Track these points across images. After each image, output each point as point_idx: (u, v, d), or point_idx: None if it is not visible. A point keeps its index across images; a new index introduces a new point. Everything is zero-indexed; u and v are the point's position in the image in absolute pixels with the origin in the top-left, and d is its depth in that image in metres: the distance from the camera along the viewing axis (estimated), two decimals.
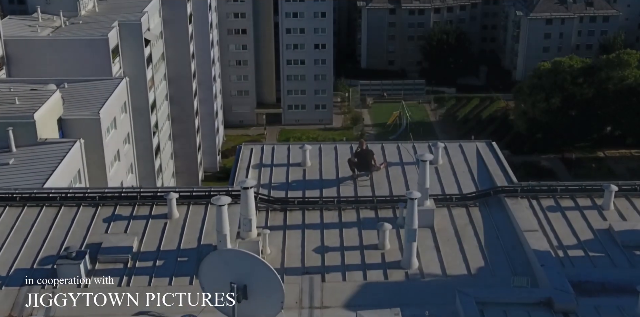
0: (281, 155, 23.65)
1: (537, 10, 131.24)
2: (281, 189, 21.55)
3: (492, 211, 20.29)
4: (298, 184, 21.83)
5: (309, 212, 20.06)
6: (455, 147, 24.49)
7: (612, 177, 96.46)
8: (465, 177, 22.44)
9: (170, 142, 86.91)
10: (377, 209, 20.36)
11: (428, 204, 19.24)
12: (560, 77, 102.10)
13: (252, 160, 23.21)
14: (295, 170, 22.73)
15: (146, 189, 20.30)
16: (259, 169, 22.76)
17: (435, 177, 22.13)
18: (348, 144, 24.58)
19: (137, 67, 72.26)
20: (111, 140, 54.34)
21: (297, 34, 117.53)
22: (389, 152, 24.05)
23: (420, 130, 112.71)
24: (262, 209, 20.14)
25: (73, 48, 65.25)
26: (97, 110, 51.99)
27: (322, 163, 23.18)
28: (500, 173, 22.36)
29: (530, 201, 20.68)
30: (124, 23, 70.07)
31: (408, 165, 23.08)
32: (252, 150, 23.74)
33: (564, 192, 21.03)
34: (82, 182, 47.48)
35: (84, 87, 56.50)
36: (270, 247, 18.16)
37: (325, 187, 21.68)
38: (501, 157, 23.45)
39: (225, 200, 16.03)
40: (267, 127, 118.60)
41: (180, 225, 19.11)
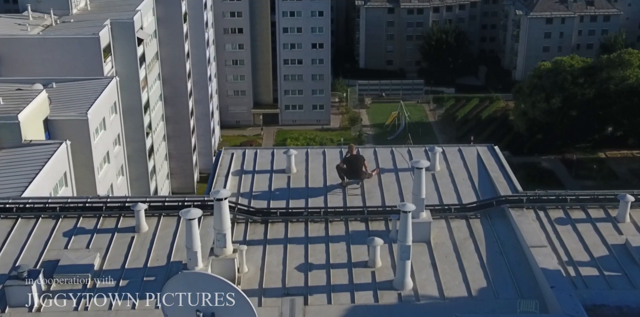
0: (264, 160, 21.86)
1: (537, 9, 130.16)
2: (263, 198, 19.82)
3: (494, 224, 18.58)
4: (281, 193, 20.10)
5: (292, 224, 18.33)
6: (454, 151, 22.71)
7: (613, 178, 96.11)
8: (465, 185, 20.64)
9: (165, 142, 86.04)
10: (367, 221, 18.61)
11: (424, 216, 17.54)
12: (560, 77, 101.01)
13: (232, 166, 21.43)
14: (279, 177, 20.98)
15: (113, 199, 18.58)
16: (239, 176, 20.97)
17: (432, 185, 20.41)
18: (337, 149, 22.81)
19: (130, 67, 71.13)
20: (100, 141, 52.97)
21: (295, 33, 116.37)
22: (381, 158, 22.28)
23: (419, 130, 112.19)
24: (240, 221, 18.43)
25: (63, 47, 64.02)
26: (85, 110, 50.51)
27: (308, 169, 21.46)
28: (503, 181, 20.59)
29: (537, 212, 18.95)
30: (116, 21, 68.83)
31: (402, 172, 21.30)
32: (233, 156, 21.90)
33: (575, 202, 19.28)
34: (69, 186, 46.11)
35: (72, 87, 55.16)
36: (248, 265, 16.37)
37: (311, 196, 19.97)
38: (504, 163, 21.61)
39: (195, 213, 14.30)
40: (264, 128, 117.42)
41: (148, 239, 17.34)
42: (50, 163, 43.26)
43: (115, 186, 56.72)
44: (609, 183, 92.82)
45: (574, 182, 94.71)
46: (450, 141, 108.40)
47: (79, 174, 48.67)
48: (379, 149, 22.77)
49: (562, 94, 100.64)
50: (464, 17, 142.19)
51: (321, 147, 22.88)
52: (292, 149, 21.55)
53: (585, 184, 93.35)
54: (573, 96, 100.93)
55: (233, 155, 21.90)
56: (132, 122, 71.89)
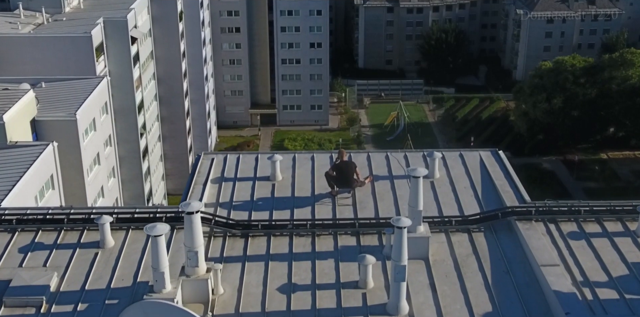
0: (247, 167, 20.12)
1: (538, 8, 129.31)
2: (244, 209, 18.10)
3: (500, 238, 16.89)
4: (264, 203, 18.40)
5: (275, 238, 16.64)
6: (454, 157, 20.90)
7: (616, 180, 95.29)
8: (467, 194, 18.87)
9: (160, 143, 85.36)
10: (359, 234, 16.87)
11: (421, 230, 15.81)
12: (562, 77, 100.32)
13: (212, 173, 19.70)
14: (262, 185, 19.26)
15: (77, 210, 16.72)
16: (219, 185, 19.28)
17: (431, 194, 18.72)
18: (327, 154, 20.96)
19: (123, 66, 70.40)
20: (90, 142, 51.75)
21: (292, 32, 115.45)
22: (375, 164, 20.51)
23: (419, 131, 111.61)
24: (218, 234, 16.71)
25: (55, 46, 63.11)
26: (74, 111, 49.17)
27: (295, 177, 19.76)
28: (509, 189, 18.78)
29: (548, 226, 17.11)
30: (109, 20, 67.94)
31: (398, 179, 19.58)
32: (213, 161, 20.15)
33: (589, 214, 17.50)
34: (56, 189, 44.66)
35: (61, 87, 53.98)
36: (224, 286, 14.58)
37: (297, 206, 18.24)
38: (510, 170, 19.80)
39: (161, 229, 12.64)
40: (262, 128, 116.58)
41: (114, 256, 15.63)
42: (35, 165, 41.83)
43: (106, 188, 55.40)
44: (611, 184, 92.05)
45: (575, 183, 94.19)
46: (450, 142, 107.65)
47: (68, 177, 47.48)
48: (372, 153, 21.01)
49: (563, 94, 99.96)
50: (464, 16, 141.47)
51: (309, 152, 21.05)
52: (278, 154, 19.77)
53: (587, 186, 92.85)
54: (574, 96, 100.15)
55: (213, 161, 20.18)
56: (126, 122, 71.25)
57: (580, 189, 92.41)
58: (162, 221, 16.08)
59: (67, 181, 46.86)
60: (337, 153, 19.77)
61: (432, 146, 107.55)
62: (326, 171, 19.10)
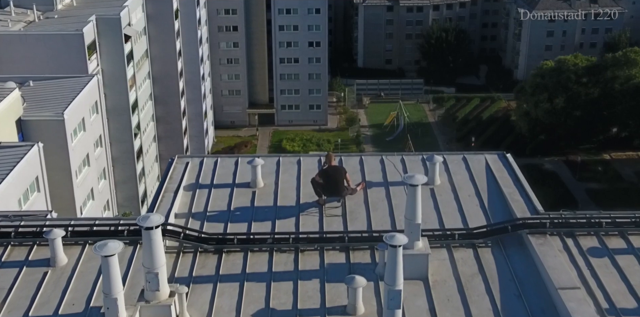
0: (225, 172, 18.14)
1: (540, 7, 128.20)
2: (219, 220, 16.17)
3: (510, 255, 14.92)
4: (243, 214, 16.46)
5: (253, 255, 14.74)
6: (457, 161, 18.82)
7: (619, 181, 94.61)
8: (472, 204, 16.84)
9: (155, 144, 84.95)
10: (349, 250, 14.96)
11: (419, 246, 13.91)
12: (564, 76, 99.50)
13: (185, 179, 17.76)
14: (241, 193, 17.30)
15: (29, 222, 14.75)
16: (193, 192, 17.29)
17: (431, 203, 16.73)
18: (315, 157, 19.01)
19: (117, 65, 69.78)
20: (79, 143, 50.52)
21: (291, 31, 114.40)
22: (368, 168, 18.49)
23: (419, 131, 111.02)
24: (188, 250, 14.83)
25: (45, 44, 62.36)
26: (62, 110, 47.74)
27: (278, 183, 17.80)
28: (519, 198, 16.67)
29: (565, 240, 15.12)
30: (101, 17, 67.02)
31: (394, 186, 17.57)
32: (188, 165, 18.18)
33: (611, 226, 15.41)
34: (41, 191, 43.03)
35: (50, 86, 52.93)
36: (190, 312, 12.61)
37: (279, 217, 16.30)
38: (519, 176, 17.71)
39: (113, 248, 10.81)
40: (260, 128, 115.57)
41: (65, 276, 13.69)
42: (19, 167, 40.49)
43: (96, 190, 53.90)
44: (614, 186, 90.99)
45: (577, 184, 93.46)
46: (451, 142, 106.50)
47: (55, 178, 46.32)
48: (365, 157, 18.93)
49: (565, 93, 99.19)
50: (464, 15, 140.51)
51: (295, 155, 19.07)
52: (261, 157, 17.76)
53: (590, 187, 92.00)
54: (577, 96, 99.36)
55: (187, 165, 18.19)
56: (120, 122, 70.62)
57: (583, 190, 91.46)
58: (123, 234, 14.28)
59: (54, 183, 45.57)
60: (324, 157, 17.74)
61: (432, 147, 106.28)
62: (313, 177, 17.09)
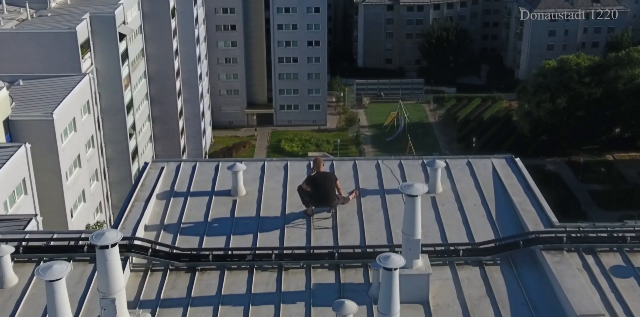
0: (204, 178, 16.57)
1: (541, 6, 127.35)
2: (194, 233, 14.60)
3: (522, 275, 13.29)
4: (221, 226, 14.89)
5: (230, 273, 13.23)
6: (461, 165, 17.15)
7: (622, 182, 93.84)
8: (478, 214, 15.22)
9: (152, 144, 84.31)
10: (339, 268, 13.40)
11: (419, 265, 12.39)
12: (566, 76, 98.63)
13: (159, 186, 16.17)
14: (220, 202, 15.73)
15: None
16: (167, 201, 15.70)
17: (432, 214, 15.17)
18: (304, 161, 17.36)
19: (111, 64, 68.90)
20: (70, 144, 49.42)
21: (290, 30, 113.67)
22: (363, 174, 16.86)
23: (419, 131, 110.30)
24: (157, 268, 13.36)
25: (38, 42, 61.31)
26: (52, 110, 46.64)
27: (262, 191, 16.22)
28: (531, 209, 14.90)
29: (585, 258, 13.38)
30: (95, 15, 66.12)
31: (392, 194, 15.93)
32: (163, 171, 16.57)
33: (637, 241, 13.68)
34: (29, 194, 41.90)
35: (40, 85, 51.95)
36: None
37: (262, 230, 14.72)
38: (530, 183, 15.92)
39: (59, 271, 9.51)
40: (258, 129, 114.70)
41: (14, 299, 12.29)
42: (5, 168, 39.44)
43: (87, 192, 52.82)
44: (618, 187, 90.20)
45: (580, 185, 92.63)
46: (452, 142, 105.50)
47: (44, 180, 45.27)
48: (359, 161, 17.22)
49: (567, 93, 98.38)
50: (465, 14, 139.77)
51: (282, 160, 17.43)
52: (244, 161, 16.27)
53: (593, 188, 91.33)
54: (579, 96, 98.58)
55: (162, 171, 16.57)
56: (114, 122, 69.76)
57: (586, 192, 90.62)
58: (83, 250, 12.91)
59: (43, 185, 44.59)
60: (313, 161, 16.12)
61: (433, 147, 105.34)
62: (300, 184, 15.50)
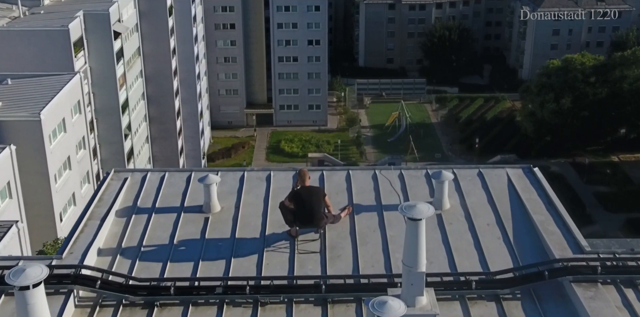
0: (173, 191, 14.46)
1: (545, 5, 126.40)
2: (156, 258, 12.50)
3: (548, 312, 11.21)
4: (189, 250, 12.81)
5: (196, 309, 11.19)
6: (471, 177, 14.99)
7: (628, 184, 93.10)
8: (492, 236, 13.05)
9: (148, 145, 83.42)
10: (327, 303, 11.34)
11: (423, 304, 10.31)
12: (571, 76, 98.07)
13: (121, 200, 14.17)
14: (190, 220, 13.62)
15: None
16: (127, 219, 13.61)
17: (438, 235, 13.04)
18: (291, 172, 15.18)
19: (106, 63, 67.96)
20: (59, 145, 47.97)
21: (290, 29, 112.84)
22: (357, 187, 14.69)
23: (421, 132, 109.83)
24: (108, 303, 11.38)
25: (29, 40, 60.11)
26: (39, 110, 45.00)
27: (239, 207, 14.10)
28: (556, 230, 12.77)
29: (624, 292, 11.28)
30: (89, 13, 65.09)
31: (390, 211, 13.72)
32: (126, 182, 14.57)
33: None
34: (14, 197, 40.31)
35: (29, 84, 50.71)
36: None
37: (237, 255, 12.62)
38: (554, 199, 13.68)
39: None
40: (258, 129, 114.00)
41: None
42: None
43: (78, 195, 51.15)
44: (624, 189, 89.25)
45: (585, 187, 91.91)
46: (454, 143, 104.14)
47: (31, 183, 44.00)
48: (353, 171, 15.04)
49: (572, 93, 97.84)
50: (467, 13, 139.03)
51: (265, 170, 15.21)
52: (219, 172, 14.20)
53: (598, 190, 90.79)
54: (584, 96, 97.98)
55: (125, 182, 14.54)
56: (109, 122, 68.72)
57: (591, 194, 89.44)
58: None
59: (30, 188, 43.24)
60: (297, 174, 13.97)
61: (435, 148, 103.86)
62: (282, 200, 13.34)
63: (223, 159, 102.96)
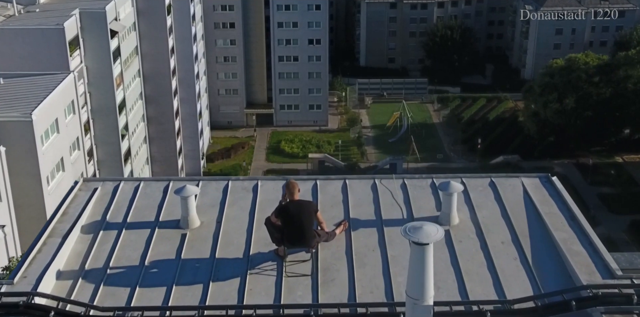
0: (147, 203, 13.01)
1: (548, 4, 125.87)
2: (124, 283, 11.07)
3: None
4: (161, 272, 11.36)
5: None
6: (483, 187, 13.50)
7: (633, 185, 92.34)
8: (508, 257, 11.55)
9: (146, 145, 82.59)
10: None
11: None
12: (574, 76, 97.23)
13: (88, 214, 12.73)
14: (165, 237, 12.12)
15: None
16: (94, 236, 12.15)
17: (446, 255, 11.55)
18: (280, 180, 13.57)
19: (102, 62, 67.10)
20: (51, 146, 46.88)
21: (290, 28, 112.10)
22: (355, 198, 13.19)
23: (422, 132, 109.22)
24: None
25: (24, 39, 59.04)
26: (31, 110, 43.88)
27: (222, 222, 12.60)
28: (581, 250, 11.31)
29: None
30: (85, 11, 64.07)
31: (392, 226, 12.25)
32: (96, 193, 13.17)
33: None
34: (4, 200, 39.19)
35: (21, 83, 49.66)
36: None
37: (216, 278, 11.19)
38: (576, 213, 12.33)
39: None
40: (257, 129, 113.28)
41: None
42: None
43: None
44: (628, 190, 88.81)
45: (589, 188, 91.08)
46: (456, 144, 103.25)
47: (22, 186, 43.14)
48: (351, 181, 13.47)
49: (576, 93, 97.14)
50: (470, 12, 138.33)
51: (252, 179, 13.61)
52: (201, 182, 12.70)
53: (602, 191, 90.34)
54: (588, 96, 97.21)
55: (95, 193, 13.12)
56: (105, 123, 67.61)
57: (595, 195, 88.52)
58: None
59: (21, 191, 42.37)
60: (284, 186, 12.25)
61: (437, 149, 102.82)
62: (268, 216, 11.83)
63: (222, 160, 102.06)
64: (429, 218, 12.04)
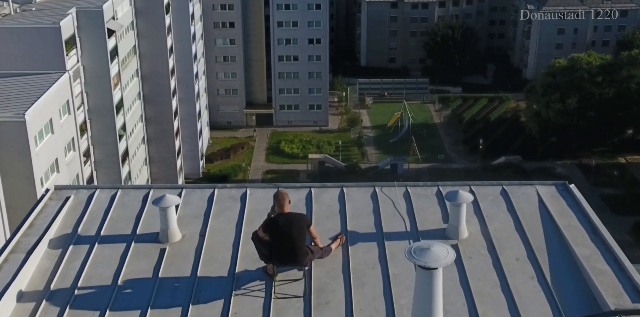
0: (124, 214, 11.89)
1: (550, 4, 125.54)
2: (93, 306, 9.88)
3: None
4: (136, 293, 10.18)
5: None
6: (494, 196, 12.38)
7: (636, 186, 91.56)
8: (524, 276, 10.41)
9: (145, 146, 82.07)
10: None
11: None
12: (577, 75, 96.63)
13: (57, 226, 11.58)
14: (141, 253, 11.01)
15: None
16: (63, 251, 11.02)
17: (455, 274, 10.34)
18: (271, 188, 12.39)
19: (99, 61, 66.59)
20: (45, 147, 46.02)
21: (290, 27, 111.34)
22: (353, 208, 12.02)
23: (423, 132, 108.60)
24: None
25: (19, 38, 58.29)
26: (24, 110, 43.14)
27: (205, 235, 11.45)
28: (606, 268, 10.16)
29: None
30: (82, 10, 63.37)
31: (394, 240, 11.14)
32: (67, 202, 12.02)
33: None
34: None
35: (15, 83, 49.05)
36: None
37: (198, 300, 9.97)
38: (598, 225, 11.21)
39: None
40: (257, 129, 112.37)
41: None
42: None
43: None
44: (631, 191, 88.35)
45: (592, 189, 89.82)
46: (457, 144, 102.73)
47: (15, 187, 42.43)
48: (349, 189, 12.29)
49: (578, 93, 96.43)
50: (471, 12, 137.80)
51: (240, 187, 12.41)
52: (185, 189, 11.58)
53: (605, 192, 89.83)
54: (590, 96, 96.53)
55: (67, 202, 11.95)
56: (102, 123, 66.73)
57: (598, 196, 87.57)
58: None
59: (14, 193, 41.70)
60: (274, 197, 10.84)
61: (438, 149, 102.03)
62: (255, 230, 10.67)
63: (222, 160, 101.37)
64: (434, 231, 11.08)
